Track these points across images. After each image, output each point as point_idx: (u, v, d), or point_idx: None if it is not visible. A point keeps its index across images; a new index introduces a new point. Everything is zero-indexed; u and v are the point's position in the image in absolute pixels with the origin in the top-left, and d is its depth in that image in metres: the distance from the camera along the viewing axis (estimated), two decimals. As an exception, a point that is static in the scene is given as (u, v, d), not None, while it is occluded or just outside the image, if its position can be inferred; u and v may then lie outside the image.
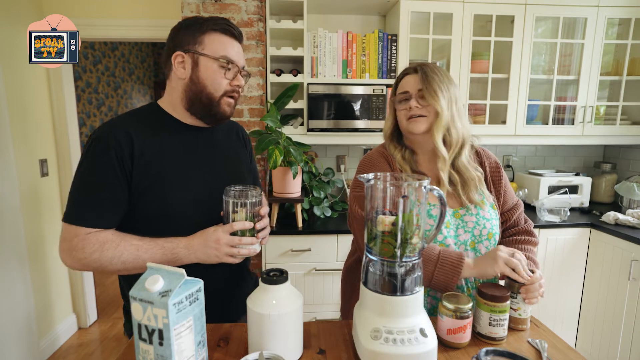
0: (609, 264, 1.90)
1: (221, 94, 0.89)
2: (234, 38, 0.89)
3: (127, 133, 0.83)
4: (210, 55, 0.86)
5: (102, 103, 4.03)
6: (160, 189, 0.85)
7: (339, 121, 2.02)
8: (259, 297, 0.71)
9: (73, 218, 0.81)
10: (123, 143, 0.82)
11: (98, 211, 0.81)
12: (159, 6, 2.16)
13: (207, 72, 0.87)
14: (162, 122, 0.91)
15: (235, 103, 0.94)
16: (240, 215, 0.85)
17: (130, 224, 0.85)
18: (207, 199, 0.90)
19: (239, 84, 0.90)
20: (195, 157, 0.92)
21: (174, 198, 0.86)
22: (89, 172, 0.82)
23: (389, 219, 0.70)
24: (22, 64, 2.00)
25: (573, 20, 2.13)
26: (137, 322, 0.61)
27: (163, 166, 0.86)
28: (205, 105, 0.89)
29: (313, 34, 1.99)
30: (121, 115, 0.89)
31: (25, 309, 1.98)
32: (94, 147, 0.82)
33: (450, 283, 0.84)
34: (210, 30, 0.87)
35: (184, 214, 0.88)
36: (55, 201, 2.29)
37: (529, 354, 0.74)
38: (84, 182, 0.82)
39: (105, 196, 0.81)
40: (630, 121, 2.25)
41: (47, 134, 2.23)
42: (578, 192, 2.26)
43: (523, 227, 1.05)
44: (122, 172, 0.82)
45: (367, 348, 0.66)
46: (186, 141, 0.92)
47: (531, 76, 2.11)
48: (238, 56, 0.89)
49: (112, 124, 0.85)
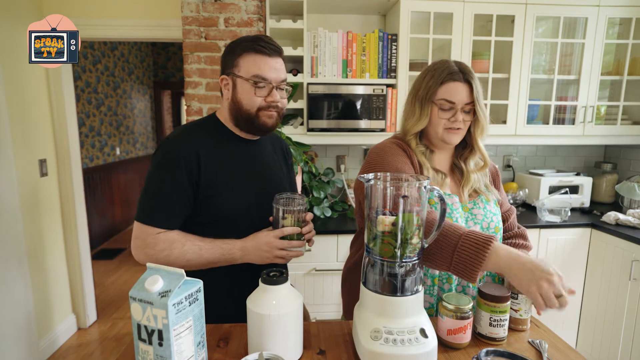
0: (610, 264, 1.89)
1: (256, 109, 0.94)
2: (266, 55, 0.93)
3: (194, 147, 0.92)
4: (243, 77, 0.93)
5: (102, 103, 4.03)
6: (223, 195, 0.94)
7: (339, 121, 2.02)
8: (259, 298, 0.71)
9: (145, 218, 0.90)
10: (192, 156, 0.91)
11: (167, 214, 0.91)
12: (159, 6, 2.16)
13: (242, 93, 0.94)
14: (222, 134, 1.00)
15: (279, 114, 0.98)
16: (288, 220, 0.93)
17: (194, 226, 0.94)
18: (255, 204, 0.99)
19: (273, 99, 0.94)
20: (248, 167, 1.01)
21: (233, 204, 0.96)
22: (160, 181, 0.91)
23: (389, 219, 0.69)
24: (22, 64, 2.00)
25: (574, 19, 2.12)
26: (136, 323, 0.61)
27: (225, 175, 0.95)
28: (246, 120, 0.96)
29: (313, 34, 1.99)
30: (187, 128, 0.98)
31: (24, 309, 1.97)
32: (166, 159, 0.91)
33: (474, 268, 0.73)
34: (244, 52, 0.93)
35: (238, 218, 0.97)
36: (54, 201, 2.29)
37: (529, 354, 0.74)
38: (156, 189, 0.92)
39: (173, 202, 0.91)
40: (631, 121, 2.25)
41: (47, 134, 2.23)
42: (579, 192, 2.26)
43: (518, 231, 1.06)
44: (190, 181, 0.91)
45: (367, 348, 0.66)
46: (241, 152, 1.01)
47: (532, 76, 2.11)
48: (272, 72, 0.93)
49: (181, 139, 0.95)
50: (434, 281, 0.92)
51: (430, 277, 0.92)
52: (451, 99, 0.92)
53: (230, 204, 0.95)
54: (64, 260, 2.39)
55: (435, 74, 0.94)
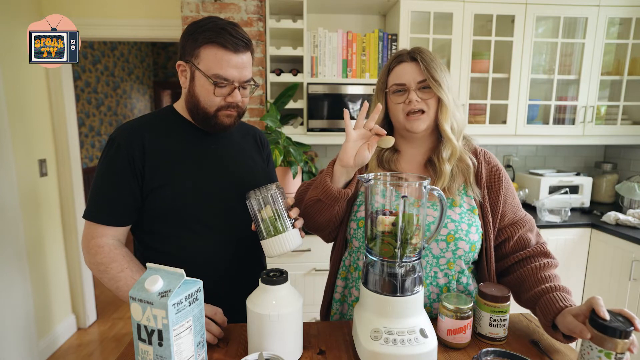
0: (610, 264, 1.89)
1: (215, 109, 0.87)
2: (231, 52, 0.83)
3: (139, 134, 0.87)
4: (203, 72, 0.84)
5: (102, 103, 4.03)
6: (172, 187, 0.87)
7: (339, 121, 2.01)
8: (258, 298, 0.71)
9: (89, 215, 0.85)
10: (135, 144, 0.85)
11: (110, 210, 0.85)
12: (159, 6, 2.16)
13: (200, 89, 0.86)
14: (176, 124, 0.93)
15: (239, 113, 0.91)
16: (267, 212, 0.81)
17: (146, 219, 0.89)
18: (214, 197, 0.92)
19: (233, 100, 0.86)
20: (205, 158, 0.93)
21: (184, 196, 0.88)
22: (103, 171, 0.86)
23: (389, 219, 0.69)
24: (22, 64, 2.00)
25: (574, 19, 2.12)
26: (136, 323, 0.61)
27: (175, 166, 0.88)
28: (203, 117, 0.89)
29: (313, 34, 1.99)
30: (138, 119, 0.93)
31: (24, 309, 1.97)
32: (109, 147, 0.86)
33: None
34: (206, 44, 0.83)
35: (190, 212, 0.89)
36: (54, 201, 2.29)
37: (529, 354, 0.74)
38: (99, 181, 0.86)
39: (116, 195, 0.85)
40: (631, 121, 2.25)
41: (47, 134, 2.23)
42: (579, 192, 2.26)
43: (535, 248, 0.87)
44: (133, 172, 0.85)
45: (367, 348, 0.66)
46: (197, 142, 0.93)
47: (532, 76, 2.10)
48: (236, 71, 0.84)
49: (127, 126, 0.89)
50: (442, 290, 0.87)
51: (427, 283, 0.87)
52: (400, 81, 0.87)
53: (180, 197, 0.87)
54: (64, 260, 2.39)
55: (385, 65, 0.92)
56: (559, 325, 0.72)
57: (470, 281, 0.89)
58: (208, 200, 0.91)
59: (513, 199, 0.91)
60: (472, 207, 0.88)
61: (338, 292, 0.97)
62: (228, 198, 0.93)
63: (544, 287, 0.79)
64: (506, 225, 0.89)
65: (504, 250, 0.90)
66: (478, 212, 0.88)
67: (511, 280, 0.88)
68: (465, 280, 0.87)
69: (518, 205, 0.92)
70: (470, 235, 0.85)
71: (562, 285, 0.79)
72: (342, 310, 0.98)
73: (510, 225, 0.89)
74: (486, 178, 0.91)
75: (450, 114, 0.85)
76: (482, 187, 0.90)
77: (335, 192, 0.81)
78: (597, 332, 0.62)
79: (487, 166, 0.92)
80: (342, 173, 0.81)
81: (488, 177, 0.91)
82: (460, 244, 0.84)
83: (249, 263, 1.00)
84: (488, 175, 0.91)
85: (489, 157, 0.94)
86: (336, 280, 0.98)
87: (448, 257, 0.85)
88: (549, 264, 0.84)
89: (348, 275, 0.96)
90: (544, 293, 0.78)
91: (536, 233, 0.91)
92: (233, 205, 0.93)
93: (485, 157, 0.93)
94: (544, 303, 0.76)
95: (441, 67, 0.85)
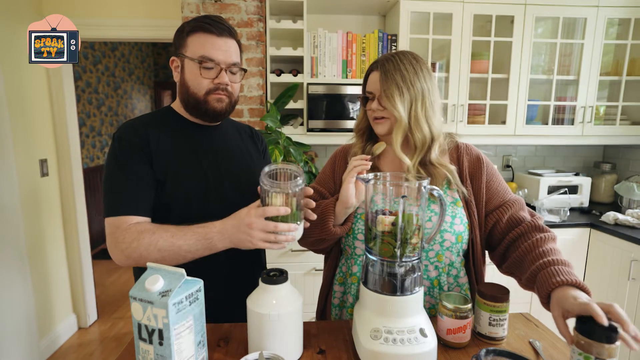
0: (609, 264, 1.90)
1: (204, 92, 0.89)
2: (214, 35, 0.87)
3: (144, 130, 0.89)
4: (190, 57, 0.88)
5: (102, 103, 4.03)
6: (175, 182, 0.89)
7: (338, 121, 2.02)
8: (259, 297, 0.71)
9: (112, 212, 0.85)
10: (142, 138, 0.88)
11: (131, 201, 0.86)
12: (159, 6, 2.17)
13: (189, 74, 0.89)
14: (175, 122, 0.96)
15: (230, 98, 0.93)
16: (278, 200, 0.74)
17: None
18: (214, 191, 0.93)
19: (221, 81, 0.89)
20: (205, 153, 0.95)
21: (185, 191, 0.90)
22: (116, 168, 0.87)
23: (388, 219, 0.70)
24: (22, 64, 2.00)
25: (573, 20, 2.13)
26: (137, 322, 0.61)
27: (171, 164, 0.90)
28: (194, 105, 0.91)
29: (313, 34, 1.99)
30: (137, 118, 0.95)
31: (25, 309, 1.98)
32: (118, 145, 0.88)
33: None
34: (192, 32, 0.88)
35: (192, 207, 0.91)
36: (55, 201, 2.29)
37: (529, 354, 0.74)
38: (114, 177, 0.87)
39: (134, 186, 0.86)
40: (630, 121, 2.26)
41: (47, 134, 2.23)
42: (578, 192, 2.26)
43: (528, 223, 0.86)
44: (145, 163, 0.87)
45: (367, 348, 0.66)
46: (196, 139, 0.96)
47: (531, 76, 2.11)
48: (220, 53, 0.87)
49: (130, 123, 0.92)
50: (433, 283, 0.88)
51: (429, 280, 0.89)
52: (368, 89, 0.92)
53: (179, 194, 0.89)
54: (65, 260, 2.39)
55: (365, 72, 0.95)
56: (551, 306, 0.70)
57: (461, 274, 0.89)
58: (207, 197, 0.92)
59: (499, 184, 0.91)
60: (455, 200, 0.89)
61: (337, 298, 0.99)
62: (227, 195, 0.94)
63: (539, 264, 0.77)
64: (493, 208, 0.90)
65: (497, 234, 0.89)
66: (462, 204, 0.89)
67: (511, 265, 0.86)
68: (455, 273, 0.89)
69: (505, 189, 0.92)
70: (454, 227, 0.86)
71: (558, 258, 0.77)
72: (341, 316, 0.99)
73: (497, 208, 0.89)
74: (469, 170, 0.92)
75: (401, 129, 0.85)
76: (466, 181, 0.90)
77: (339, 233, 0.88)
78: (583, 337, 0.63)
79: (468, 158, 0.93)
80: (344, 213, 0.87)
81: (470, 169, 0.92)
82: (445, 235, 0.86)
83: (249, 262, 1.00)
84: (470, 167, 0.92)
85: (470, 149, 0.95)
86: (333, 286, 1.00)
87: (437, 250, 0.87)
88: (544, 238, 0.83)
89: (345, 281, 0.97)
90: (539, 270, 0.76)
91: (529, 212, 0.90)
92: (233, 201, 0.93)
93: (467, 150, 0.94)
94: (539, 281, 0.74)
95: (406, 76, 0.84)
